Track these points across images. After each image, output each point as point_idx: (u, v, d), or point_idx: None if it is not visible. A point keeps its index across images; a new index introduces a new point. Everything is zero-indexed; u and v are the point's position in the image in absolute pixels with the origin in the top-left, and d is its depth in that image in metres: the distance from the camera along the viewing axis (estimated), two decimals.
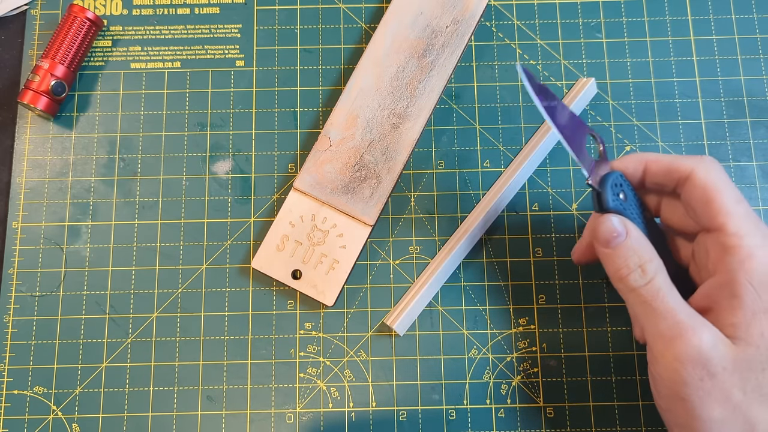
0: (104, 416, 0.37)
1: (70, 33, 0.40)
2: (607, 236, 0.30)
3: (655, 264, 0.30)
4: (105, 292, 0.39)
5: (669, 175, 0.31)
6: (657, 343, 0.29)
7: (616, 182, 0.31)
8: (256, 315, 0.39)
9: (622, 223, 0.30)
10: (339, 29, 0.43)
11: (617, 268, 0.30)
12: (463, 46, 0.40)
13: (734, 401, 0.27)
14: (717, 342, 0.28)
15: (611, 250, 0.31)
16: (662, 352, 0.29)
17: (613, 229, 0.30)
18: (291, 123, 0.41)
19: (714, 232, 0.30)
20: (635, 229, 0.31)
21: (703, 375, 0.27)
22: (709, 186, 0.30)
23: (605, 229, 0.30)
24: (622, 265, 0.30)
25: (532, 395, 0.37)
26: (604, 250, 0.31)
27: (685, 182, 0.31)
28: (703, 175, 0.30)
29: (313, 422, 0.37)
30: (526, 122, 0.41)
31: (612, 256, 0.31)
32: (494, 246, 0.39)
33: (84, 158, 0.41)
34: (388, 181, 0.38)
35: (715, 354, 0.27)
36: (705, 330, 0.28)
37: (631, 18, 0.43)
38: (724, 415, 0.27)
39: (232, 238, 0.40)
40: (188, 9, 0.43)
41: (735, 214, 0.29)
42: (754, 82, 0.42)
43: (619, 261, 0.30)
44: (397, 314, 0.37)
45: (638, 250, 0.30)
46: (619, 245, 0.30)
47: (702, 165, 0.30)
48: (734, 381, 0.27)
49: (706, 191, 0.30)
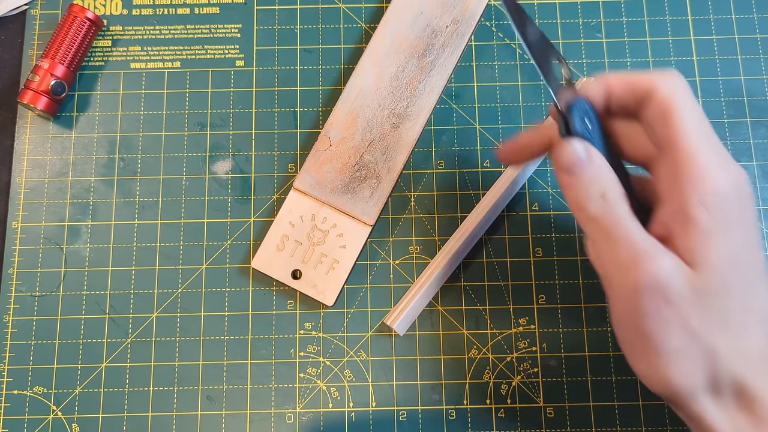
0: (104, 416, 0.37)
1: (70, 33, 0.40)
2: (570, 162, 0.28)
3: (617, 191, 0.28)
4: (105, 292, 0.39)
5: (632, 93, 0.29)
6: (615, 273, 0.27)
7: (582, 108, 0.30)
8: (256, 315, 0.39)
9: (585, 148, 0.29)
10: (339, 29, 0.43)
11: (578, 197, 0.28)
12: (463, 46, 0.40)
13: (693, 330, 0.26)
14: (675, 269, 0.26)
15: (573, 178, 0.29)
16: (620, 282, 0.27)
17: (577, 155, 0.28)
18: (291, 123, 0.41)
19: (669, 153, 0.28)
20: (599, 155, 0.29)
21: (661, 304, 0.26)
22: (668, 101, 0.28)
23: (568, 155, 0.28)
24: (582, 194, 0.28)
25: (532, 395, 0.37)
26: (566, 177, 0.29)
27: (647, 100, 0.29)
28: (664, 89, 0.28)
29: (313, 422, 0.37)
30: (526, 122, 0.41)
31: (573, 185, 0.29)
32: (494, 246, 0.39)
33: (84, 158, 0.41)
34: (388, 181, 0.38)
35: (674, 281, 0.26)
36: (663, 257, 0.26)
37: (631, 18, 0.43)
38: (684, 345, 0.26)
39: (232, 238, 0.40)
40: (188, 9, 0.43)
41: (691, 132, 0.27)
42: (754, 82, 0.42)
43: (580, 189, 0.28)
44: (397, 314, 0.37)
45: (600, 178, 0.28)
46: (581, 172, 0.28)
47: (664, 79, 0.28)
48: (693, 308, 0.26)
49: (665, 106, 0.28)
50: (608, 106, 0.30)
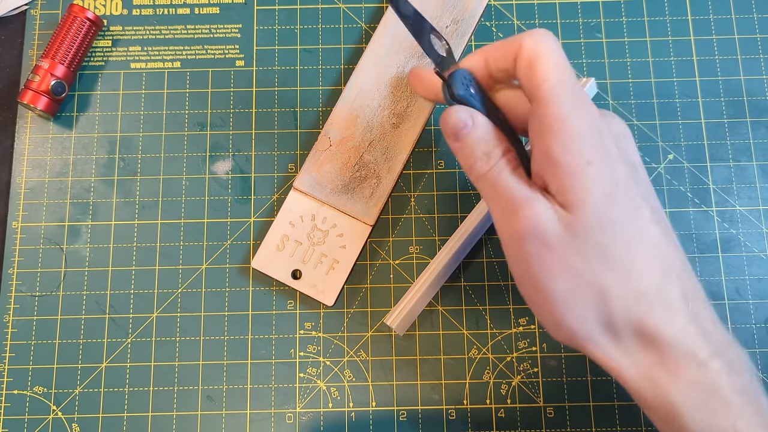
0: (104, 416, 0.37)
1: (70, 33, 0.40)
2: (455, 128, 0.29)
3: (500, 149, 0.29)
4: (105, 292, 0.39)
5: (506, 56, 0.30)
6: (500, 225, 0.28)
7: (464, 76, 0.31)
8: (256, 315, 0.39)
9: (468, 113, 0.29)
10: (339, 29, 0.43)
11: (466, 158, 0.29)
12: (463, 46, 0.40)
13: (577, 270, 0.26)
14: (549, 212, 0.27)
15: (460, 142, 0.29)
16: (504, 232, 0.28)
17: (459, 119, 0.29)
18: (291, 123, 0.41)
19: (535, 102, 0.28)
20: (482, 117, 0.30)
21: (542, 249, 0.26)
22: (533, 53, 0.28)
23: (452, 121, 0.29)
24: (469, 155, 0.29)
25: (532, 395, 0.37)
26: (454, 144, 0.30)
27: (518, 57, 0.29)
28: (530, 44, 0.29)
29: (313, 422, 0.37)
30: None
31: (461, 149, 0.29)
32: (494, 246, 0.39)
33: (84, 158, 0.41)
34: (388, 181, 0.38)
35: (549, 224, 0.26)
36: (537, 203, 0.27)
37: (631, 18, 0.43)
38: (570, 287, 0.26)
39: (232, 238, 0.40)
40: (188, 9, 0.43)
41: (550, 80, 0.28)
42: (754, 82, 0.42)
43: (467, 151, 0.29)
44: (397, 314, 0.37)
45: (484, 139, 0.29)
46: (466, 135, 0.29)
47: (530, 35, 0.29)
48: (572, 249, 0.26)
49: (531, 59, 0.28)
50: (491, 74, 0.31)
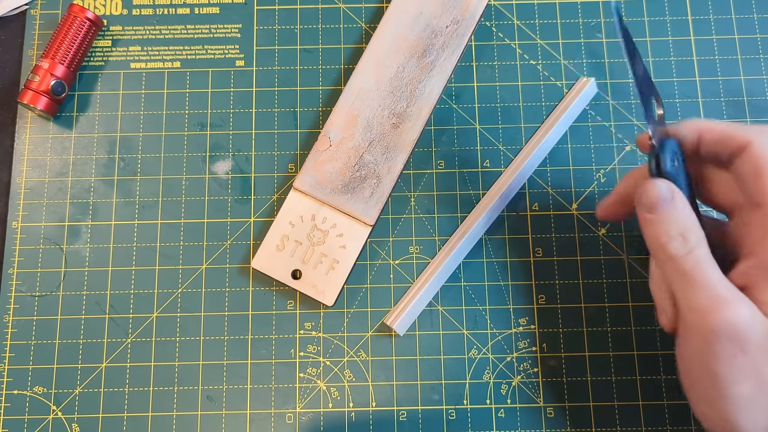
0: (104, 416, 0.37)
1: (70, 33, 0.40)
2: (653, 201, 0.30)
3: (697, 234, 0.29)
4: (105, 292, 0.39)
5: (724, 144, 0.30)
6: (692, 316, 0.28)
7: (673, 148, 0.31)
8: (256, 315, 0.39)
9: (669, 189, 0.30)
10: (339, 29, 0.43)
11: (658, 235, 0.29)
12: (463, 46, 0.40)
13: (765, 379, 0.27)
14: (754, 318, 0.27)
15: (655, 215, 0.30)
16: (697, 325, 0.28)
17: (660, 194, 0.29)
18: (291, 123, 0.41)
19: (760, 209, 0.29)
20: (682, 197, 0.30)
21: (736, 351, 0.27)
22: (763, 159, 0.29)
23: (652, 194, 0.30)
24: (663, 232, 0.29)
25: (532, 395, 0.37)
26: (647, 215, 0.30)
27: (741, 153, 0.30)
28: (759, 146, 0.29)
29: (313, 422, 0.37)
30: (526, 122, 0.41)
31: (654, 222, 0.30)
32: (494, 246, 0.39)
33: (84, 158, 0.41)
34: (388, 181, 0.38)
35: (752, 330, 0.27)
36: (743, 305, 0.27)
37: (631, 18, 0.43)
38: (753, 393, 0.27)
39: (232, 238, 0.40)
40: (188, 9, 0.43)
41: None
42: (754, 82, 0.42)
43: (661, 227, 0.29)
44: (397, 314, 0.37)
45: (682, 218, 0.29)
46: (663, 211, 0.29)
47: (761, 137, 0.29)
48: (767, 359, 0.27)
49: (759, 164, 0.29)
50: (697, 150, 0.32)
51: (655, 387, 0.37)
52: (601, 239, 0.39)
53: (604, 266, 0.39)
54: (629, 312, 0.38)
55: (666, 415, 0.37)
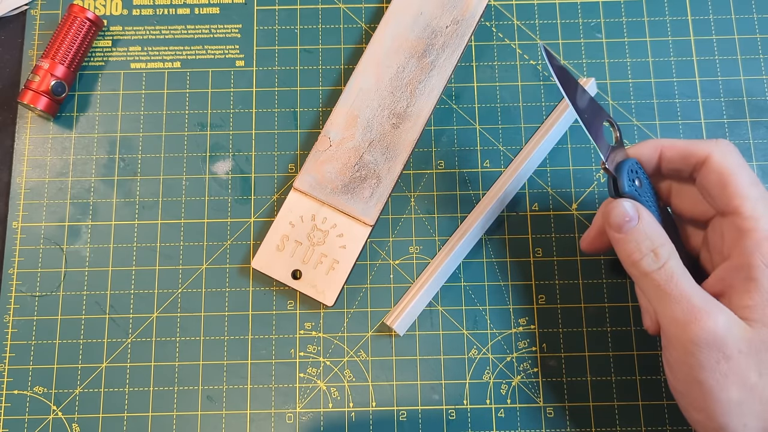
0: (104, 416, 0.37)
1: (70, 33, 0.40)
2: (620, 221, 0.30)
3: (667, 248, 0.30)
4: (105, 292, 0.39)
5: (685, 160, 0.32)
6: (672, 328, 0.29)
7: (631, 168, 0.31)
8: (256, 315, 0.39)
9: (634, 207, 0.30)
10: (339, 29, 0.43)
11: (629, 253, 0.30)
12: (463, 46, 0.40)
13: (750, 383, 0.28)
14: (732, 325, 0.28)
15: (623, 234, 0.31)
16: (677, 336, 0.28)
17: (625, 213, 0.30)
18: (291, 123, 0.41)
19: (729, 216, 0.30)
20: (648, 213, 0.31)
21: (719, 358, 0.27)
22: (725, 169, 0.30)
23: (617, 214, 0.30)
24: (634, 250, 0.30)
25: (532, 395, 0.37)
26: (616, 235, 0.31)
27: (701, 167, 0.31)
28: (719, 158, 0.30)
29: (313, 422, 0.37)
30: (526, 122, 0.41)
31: (624, 241, 0.31)
32: (494, 246, 0.39)
33: (84, 158, 0.41)
34: (388, 181, 0.38)
35: (731, 337, 0.27)
36: (720, 313, 0.28)
37: (631, 18, 0.43)
38: (741, 397, 0.28)
39: (232, 238, 0.40)
40: (188, 9, 0.43)
41: (751, 197, 0.29)
42: (754, 82, 0.42)
43: (631, 245, 0.30)
44: (397, 314, 0.37)
45: (650, 235, 0.30)
46: (631, 230, 0.30)
47: (718, 149, 0.30)
48: (750, 363, 0.28)
49: (722, 175, 0.30)
50: (659, 168, 0.33)
51: (655, 387, 0.37)
52: None
53: (604, 266, 0.39)
54: (629, 312, 0.38)
55: (666, 415, 0.37)
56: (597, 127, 0.32)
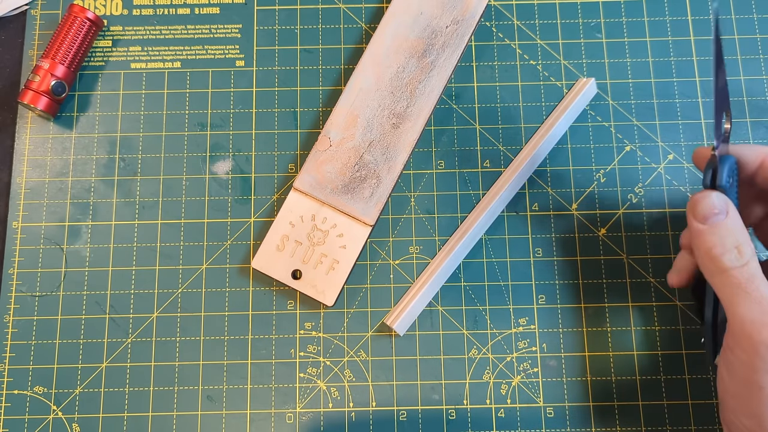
0: (104, 416, 0.37)
1: (71, 33, 0.40)
2: (707, 211, 0.30)
3: (751, 248, 0.29)
4: (105, 292, 0.39)
5: None
6: (744, 327, 0.28)
7: (732, 167, 0.31)
8: (256, 315, 0.39)
9: (724, 201, 0.30)
10: (339, 29, 0.43)
11: (711, 246, 0.30)
12: (463, 46, 0.40)
13: None
14: None
15: (708, 226, 0.30)
16: (750, 337, 0.28)
17: (715, 205, 0.30)
18: (291, 123, 0.41)
19: None
20: (735, 210, 0.30)
21: None
22: None
23: (706, 204, 0.30)
24: (717, 243, 0.29)
25: (532, 395, 0.37)
26: (700, 225, 0.30)
27: None
28: None
29: (313, 422, 0.37)
30: (526, 122, 0.41)
31: (707, 233, 0.30)
32: (494, 246, 0.39)
33: (84, 158, 0.41)
34: (388, 181, 0.38)
35: None
36: None
37: (631, 18, 0.43)
38: None
39: (232, 238, 0.40)
40: (188, 9, 0.43)
41: None
42: (754, 82, 0.42)
43: (714, 238, 0.30)
44: (397, 314, 0.37)
45: (736, 231, 0.30)
46: (717, 222, 0.30)
47: None
48: None
49: None
50: (754, 175, 0.32)
51: (656, 387, 0.37)
52: (601, 239, 0.39)
53: (604, 266, 0.39)
54: (629, 312, 0.38)
55: (666, 415, 0.37)
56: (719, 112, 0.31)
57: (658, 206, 0.40)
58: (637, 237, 0.39)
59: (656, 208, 0.40)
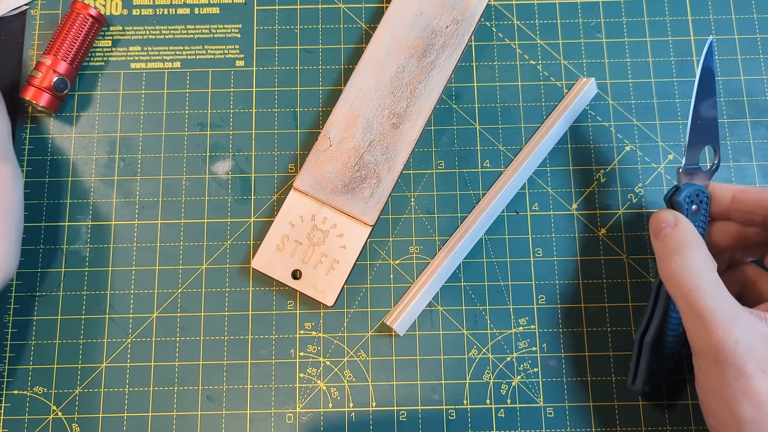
0: (104, 416, 0.37)
1: (73, 29, 0.40)
2: (659, 226, 0.32)
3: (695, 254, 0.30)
4: (105, 292, 0.39)
5: (760, 204, 0.32)
6: (693, 336, 0.29)
7: (698, 193, 0.33)
8: (256, 315, 0.39)
9: (672, 215, 0.32)
10: (339, 29, 0.43)
11: (661, 256, 0.31)
12: (463, 46, 0.40)
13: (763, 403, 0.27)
14: (757, 344, 0.28)
15: (660, 239, 0.32)
16: (698, 345, 0.29)
17: (665, 218, 0.32)
18: (291, 123, 0.41)
19: None
20: (687, 222, 0.31)
21: (736, 375, 0.28)
22: None
23: (658, 219, 0.32)
24: (666, 254, 0.31)
25: (532, 395, 0.37)
26: (654, 241, 0.32)
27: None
28: None
29: (313, 422, 0.37)
30: (526, 122, 0.41)
31: (659, 245, 0.32)
32: (494, 246, 0.39)
33: (84, 158, 0.41)
34: (388, 181, 0.38)
35: (752, 356, 0.28)
36: (742, 331, 0.28)
37: (631, 18, 0.43)
38: (755, 417, 0.28)
39: (232, 238, 0.40)
40: (188, 9, 0.43)
41: None
42: (754, 82, 0.42)
43: (663, 249, 0.31)
44: (397, 314, 0.37)
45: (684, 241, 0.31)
46: (666, 235, 0.31)
47: None
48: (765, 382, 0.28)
49: None
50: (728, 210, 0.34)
51: None
52: (601, 239, 0.39)
53: (604, 266, 0.39)
54: (629, 312, 0.38)
55: (666, 415, 0.37)
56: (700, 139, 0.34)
57: (658, 206, 0.40)
58: (637, 237, 0.39)
59: (656, 208, 0.40)
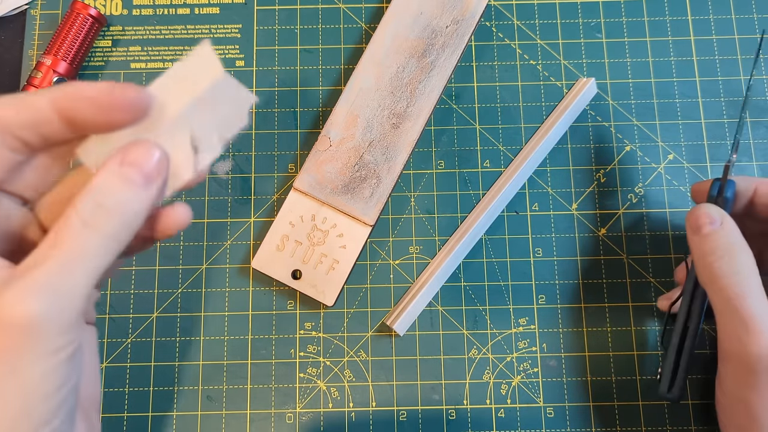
0: (104, 416, 0.37)
1: (73, 29, 0.40)
2: (701, 221, 0.30)
3: (744, 258, 0.29)
4: (105, 292, 0.39)
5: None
6: (731, 341, 0.28)
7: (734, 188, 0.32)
8: (256, 315, 0.39)
9: (719, 212, 0.30)
10: (339, 29, 0.43)
11: (704, 254, 0.29)
12: (463, 46, 0.40)
13: None
14: None
15: (702, 236, 0.30)
16: (735, 351, 0.28)
17: (709, 214, 0.30)
18: (291, 123, 0.41)
19: None
20: (732, 221, 0.30)
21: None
22: None
23: (701, 214, 0.30)
24: (709, 252, 0.29)
25: (532, 395, 0.37)
26: (693, 237, 0.30)
27: None
28: None
29: (313, 422, 0.37)
30: (526, 122, 0.41)
31: (702, 242, 0.30)
32: (494, 246, 0.39)
33: None
34: (388, 181, 0.38)
35: None
36: None
37: (631, 18, 0.43)
38: None
39: (232, 238, 0.40)
40: (188, 9, 0.43)
41: None
42: (754, 82, 0.42)
43: (706, 247, 0.30)
44: (397, 314, 0.37)
45: (731, 241, 0.29)
46: (711, 231, 0.30)
47: None
48: None
49: None
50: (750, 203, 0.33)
51: (656, 387, 0.37)
52: (601, 239, 0.39)
53: (604, 266, 0.39)
54: (629, 312, 0.38)
55: (666, 415, 0.37)
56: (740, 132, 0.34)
57: (658, 206, 0.40)
58: (637, 237, 0.39)
59: (656, 208, 0.40)
